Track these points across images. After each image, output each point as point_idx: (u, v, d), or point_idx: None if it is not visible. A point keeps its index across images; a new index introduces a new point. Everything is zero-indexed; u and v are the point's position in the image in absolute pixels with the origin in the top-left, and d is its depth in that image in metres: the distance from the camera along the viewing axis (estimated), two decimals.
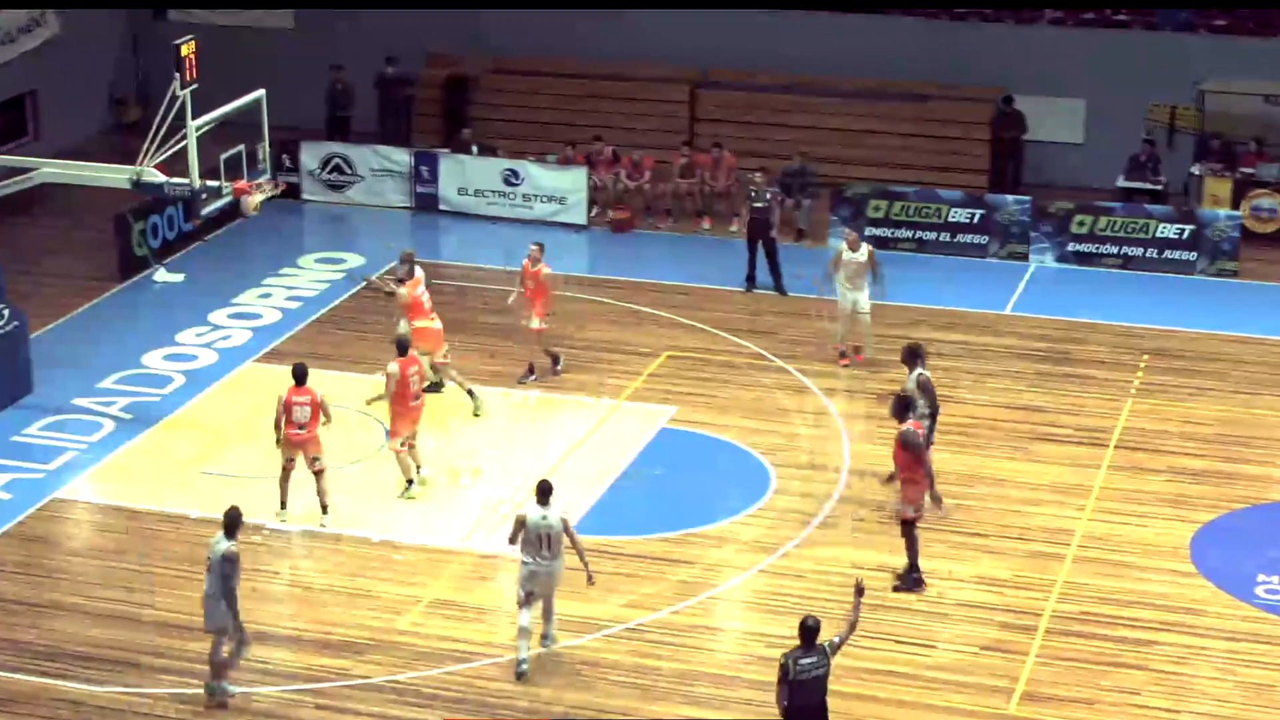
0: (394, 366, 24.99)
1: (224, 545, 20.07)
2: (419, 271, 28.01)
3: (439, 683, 20.88)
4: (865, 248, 29.21)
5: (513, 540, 21.03)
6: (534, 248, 28.26)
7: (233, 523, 20.27)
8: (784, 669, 18.05)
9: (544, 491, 20.91)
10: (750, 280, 32.54)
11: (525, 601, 20.96)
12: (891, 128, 37.91)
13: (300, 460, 24.26)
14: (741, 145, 36.92)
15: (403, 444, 25.25)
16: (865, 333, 29.30)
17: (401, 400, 25.03)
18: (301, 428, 24.17)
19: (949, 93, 38.15)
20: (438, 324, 27.74)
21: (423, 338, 27.26)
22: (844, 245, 29.36)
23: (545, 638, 21.50)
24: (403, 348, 25.41)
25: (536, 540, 20.77)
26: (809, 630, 18.10)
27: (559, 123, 38.92)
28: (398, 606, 22.37)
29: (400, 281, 27.84)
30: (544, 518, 20.78)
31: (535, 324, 28.20)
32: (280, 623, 22.22)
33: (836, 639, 18.34)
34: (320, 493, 24.35)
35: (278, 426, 24.25)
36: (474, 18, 40.08)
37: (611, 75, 39.56)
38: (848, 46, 38.46)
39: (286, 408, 24.16)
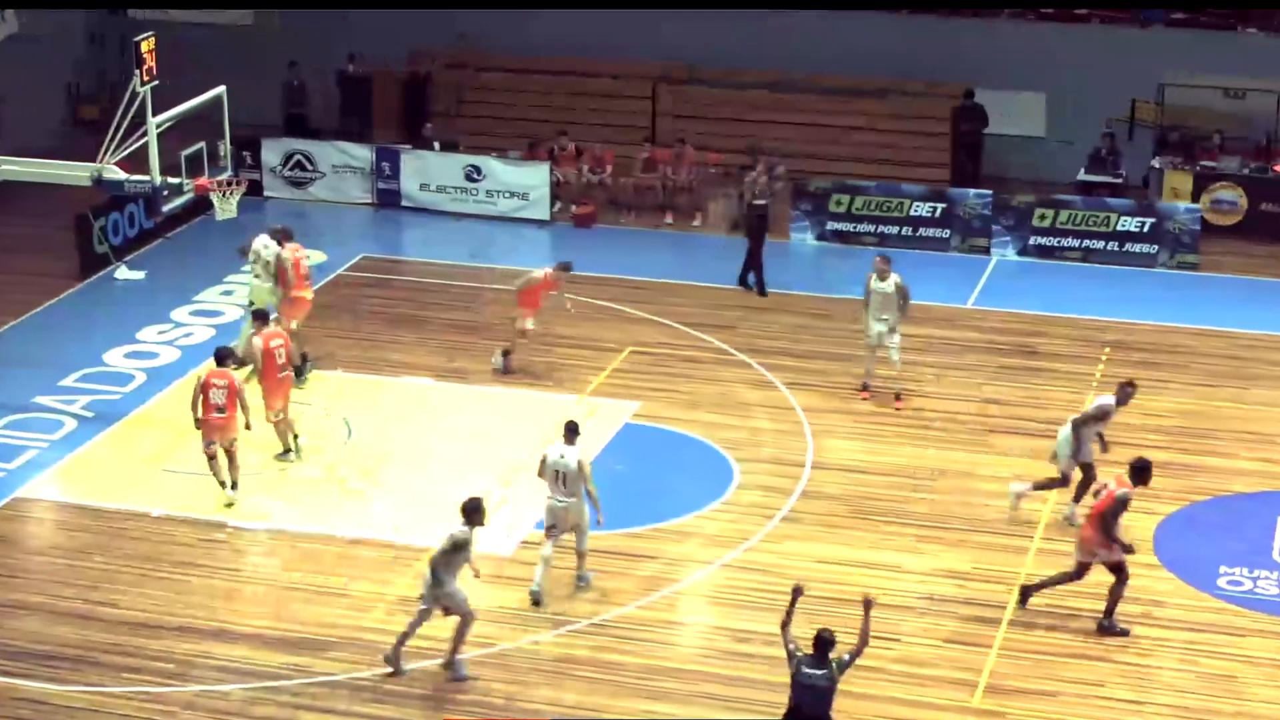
0: (257, 340, 25.69)
1: (456, 529, 20.49)
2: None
3: (405, 679, 20.82)
4: (894, 278, 27.47)
5: (540, 475, 22.30)
6: (554, 271, 28.69)
7: (470, 510, 20.55)
8: (793, 661, 18.19)
9: (570, 431, 22.22)
10: (749, 281, 32.31)
11: (548, 534, 22.32)
12: (853, 123, 38.02)
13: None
14: (704, 141, 36.98)
15: (278, 415, 25.71)
16: (897, 373, 27.80)
17: (269, 374, 25.53)
18: (220, 411, 24.16)
19: (910, 88, 38.22)
20: (309, 295, 28.33)
21: (298, 306, 27.96)
22: (871, 274, 27.64)
23: (580, 579, 22.66)
24: (262, 317, 26.35)
25: (554, 477, 22.06)
26: (822, 643, 18.09)
27: (523, 119, 38.96)
28: (362, 603, 22.32)
29: (280, 244, 28.20)
30: (562, 456, 22.04)
31: (529, 324, 28.46)
32: (244, 620, 22.16)
33: (847, 656, 18.25)
34: (230, 469, 24.51)
35: (194, 408, 24.27)
36: (440, 16, 40.01)
37: (577, 71, 39.56)
38: (810, 43, 38.53)
39: (204, 389, 24.20)
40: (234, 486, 24.58)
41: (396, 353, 29.64)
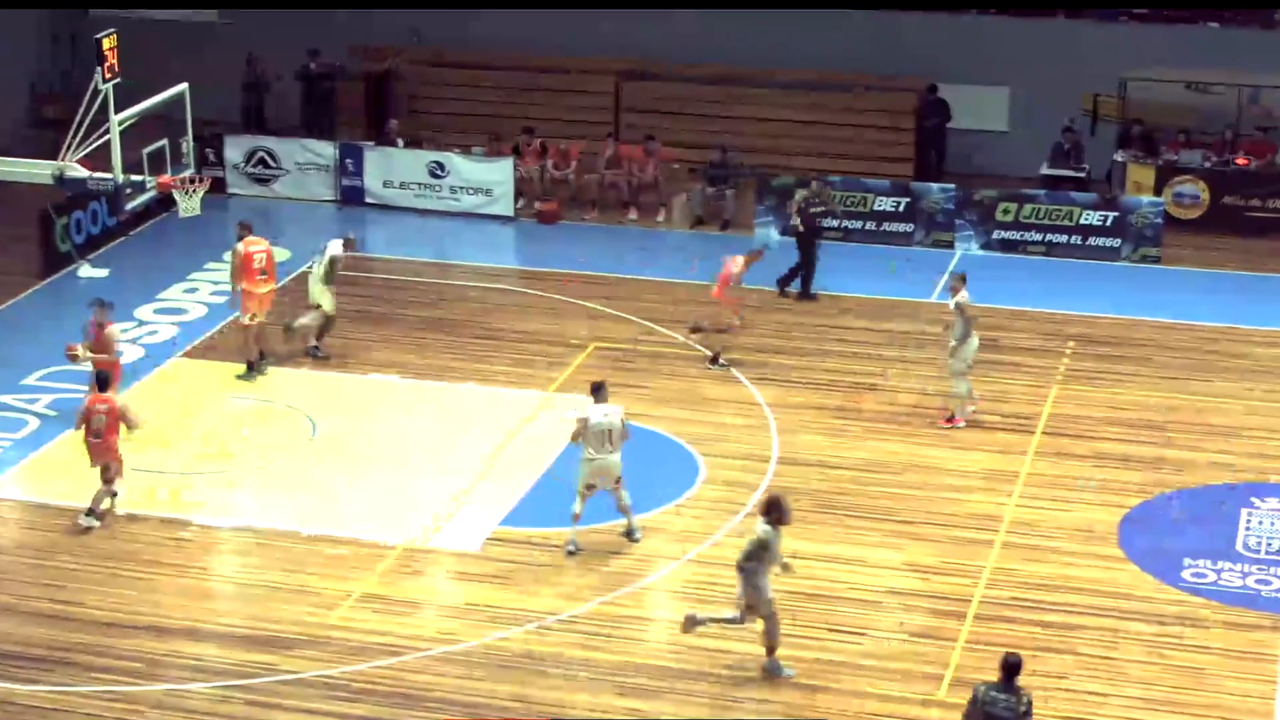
0: (239, 246, 28.02)
1: (759, 528, 20.57)
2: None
3: (369, 677, 20.81)
4: (960, 295, 26.88)
5: (575, 439, 23.30)
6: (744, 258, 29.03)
7: (770, 507, 20.62)
8: (974, 696, 17.77)
9: (598, 389, 23.32)
10: (796, 286, 31.97)
11: (585, 494, 23.18)
12: (818, 117, 38.08)
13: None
14: (670, 137, 37.04)
15: (252, 319, 27.32)
16: (953, 392, 27.28)
17: (247, 278, 27.53)
18: (98, 435, 24.03)
19: (875, 82, 38.28)
20: (265, 290, 28.41)
21: (250, 300, 28.21)
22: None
23: (631, 533, 23.67)
24: (247, 227, 28.49)
25: (602, 436, 22.96)
26: (1009, 667, 17.68)
27: (487, 114, 38.98)
28: (328, 601, 22.30)
29: (239, 238, 28.68)
30: (606, 415, 23.06)
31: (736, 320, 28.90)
32: (210, 618, 22.12)
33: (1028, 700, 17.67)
34: (98, 496, 24.16)
35: (78, 426, 24.23)
36: (402, 13, 39.98)
37: (540, 68, 39.56)
38: (774, 38, 38.58)
39: (87, 413, 24.10)
40: (89, 514, 24.17)
41: (362, 349, 29.59)
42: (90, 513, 24.07)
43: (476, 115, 39.08)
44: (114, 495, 24.23)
